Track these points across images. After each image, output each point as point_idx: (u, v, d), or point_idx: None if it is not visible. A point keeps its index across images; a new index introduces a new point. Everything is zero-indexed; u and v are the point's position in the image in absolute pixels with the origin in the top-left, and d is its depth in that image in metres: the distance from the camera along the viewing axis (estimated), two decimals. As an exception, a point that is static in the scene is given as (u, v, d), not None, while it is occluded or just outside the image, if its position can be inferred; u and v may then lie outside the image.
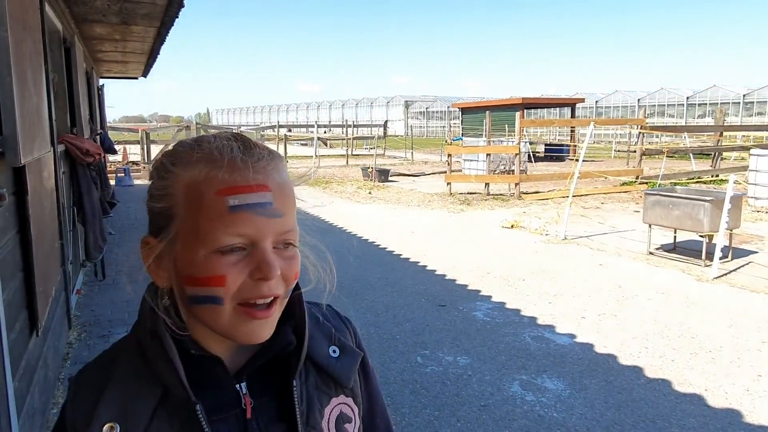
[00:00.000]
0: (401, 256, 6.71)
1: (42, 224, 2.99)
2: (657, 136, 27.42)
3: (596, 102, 38.62)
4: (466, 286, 5.56)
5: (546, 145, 25.12)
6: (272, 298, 0.64)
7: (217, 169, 0.62)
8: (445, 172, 12.60)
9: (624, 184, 12.71)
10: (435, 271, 6.09)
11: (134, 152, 19.40)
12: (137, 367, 0.65)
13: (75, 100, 5.55)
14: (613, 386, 3.48)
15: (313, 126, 24.06)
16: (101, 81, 12.30)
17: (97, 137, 7.80)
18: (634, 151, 14.94)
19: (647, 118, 14.49)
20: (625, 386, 3.48)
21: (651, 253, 6.74)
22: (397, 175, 16.57)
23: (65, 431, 0.64)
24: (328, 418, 0.72)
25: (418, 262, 6.44)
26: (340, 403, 0.74)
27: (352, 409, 0.76)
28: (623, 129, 27.93)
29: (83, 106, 6.01)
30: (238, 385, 0.67)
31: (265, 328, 0.65)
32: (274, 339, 0.67)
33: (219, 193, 0.61)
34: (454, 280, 5.74)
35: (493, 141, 15.45)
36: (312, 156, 20.82)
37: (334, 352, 0.75)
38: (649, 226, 6.73)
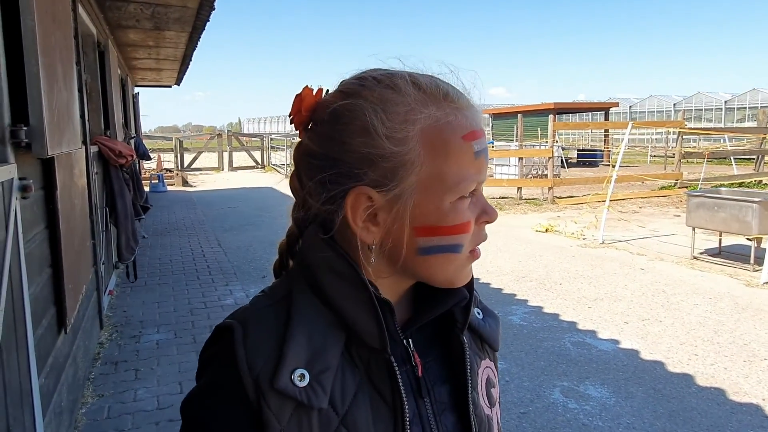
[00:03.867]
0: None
1: (72, 221, 2.97)
2: (695, 140, 26.65)
3: (630, 107, 37.73)
4: (501, 289, 5.38)
5: (579, 150, 24.63)
6: None
7: (459, 111, 0.59)
8: (476, 176, 12.44)
9: (663, 188, 12.29)
10: (468, 274, 5.92)
11: (168, 159, 19.76)
12: (319, 311, 0.59)
13: (109, 103, 5.61)
14: (662, 395, 3.26)
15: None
16: (136, 89, 12.55)
17: (131, 141, 7.92)
18: (672, 156, 14.49)
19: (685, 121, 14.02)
20: (675, 395, 3.26)
21: (695, 258, 6.43)
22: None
23: (240, 380, 0.54)
24: (481, 381, 0.69)
25: (450, 266, 6.28)
26: (487, 367, 0.71)
27: (495, 374, 0.73)
28: (659, 133, 27.21)
29: (117, 109, 6.08)
30: (405, 341, 0.62)
31: (471, 270, 0.65)
32: (450, 293, 0.64)
33: (465, 137, 0.58)
34: (488, 284, 5.56)
35: (525, 146, 15.18)
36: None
37: (479, 314, 0.72)
38: (693, 229, 6.43)
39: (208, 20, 5.92)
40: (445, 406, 0.63)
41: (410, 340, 0.63)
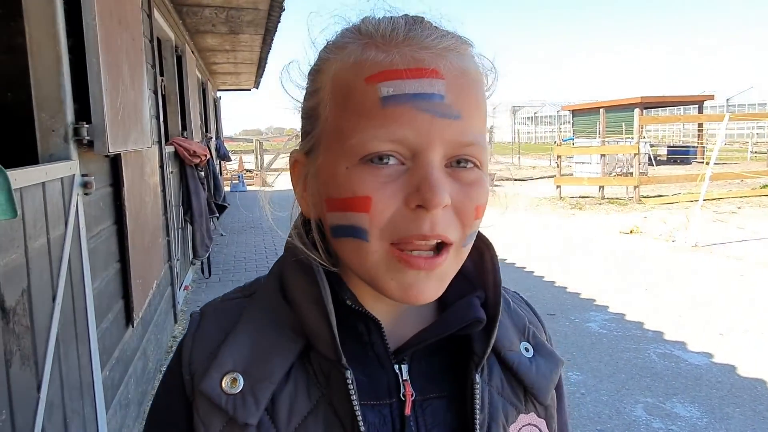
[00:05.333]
0: (505, 261, 6.29)
1: (142, 218, 3.05)
2: (804, 135, 24.22)
3: (727, 100, 34.90)
4: (578, 294, 5.05)
5: (669, 147, 23.09)
6: (436, 242, 0.44)
7: (370, 48, 0.45)
8: (554, 176, 11.88)
9: (765, 186, 11.20)
10: (543, 277, 5.63)
11: (248, 161, 20.53)
12: (277, 311, 0.50)
13: (186, 105, 5.82)
14: (763, 417, 2.88)
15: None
16: (218, 93, 13.09)
17: (211, 142, 8.22)
18: (778, 150, 13.19)
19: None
20: (781, 419, 2.87)
21: (805, 263, 5.75)
22: (502, 180, 15.95)
23: (181, 374, 0.50)
24: None
25: (524, 267, 6.00)
26: (529, 424, 0.52)
27: None
28: (761, 127, 24.98)
29: (194, 111, 6.30)
30: (397, 366, 0.49)
31: (429, 285, 0.45)
32: (458, 311, 0.49)
33: (369, 79, 0.43)
34: (565, 288, 5.24)
35: (608, 142, 14.38)
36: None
37: (527, 350, 0.54)
38: (803, 231, 5.76)
39: (279, 21, 6.01)
40: None
41: (403, 366, 0.49)
